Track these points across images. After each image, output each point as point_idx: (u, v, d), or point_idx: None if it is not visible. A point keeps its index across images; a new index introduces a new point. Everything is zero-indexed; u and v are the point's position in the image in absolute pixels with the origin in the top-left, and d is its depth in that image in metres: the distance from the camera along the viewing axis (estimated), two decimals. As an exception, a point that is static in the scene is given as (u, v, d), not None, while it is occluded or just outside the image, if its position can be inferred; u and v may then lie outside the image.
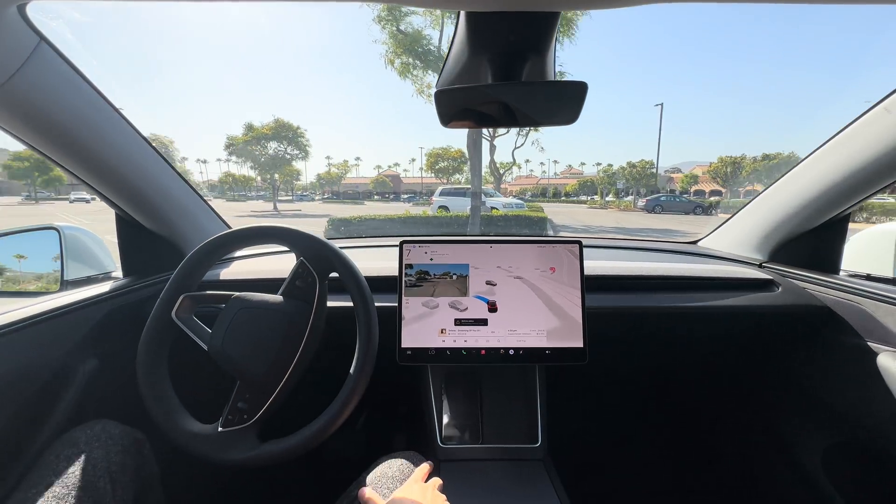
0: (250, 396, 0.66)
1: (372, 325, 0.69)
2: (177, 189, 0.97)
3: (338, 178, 62.21)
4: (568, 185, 55.22)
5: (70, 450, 0.59)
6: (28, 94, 0.62)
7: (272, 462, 0.63)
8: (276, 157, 26.10)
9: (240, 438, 0.64)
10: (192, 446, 0.64)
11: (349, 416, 0.65)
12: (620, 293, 0.98)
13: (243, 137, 25.60)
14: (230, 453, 0.63)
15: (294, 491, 1.18)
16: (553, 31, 0.53)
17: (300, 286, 0.72)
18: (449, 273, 0.84)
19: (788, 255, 1.07)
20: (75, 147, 0.74)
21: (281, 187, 33.93)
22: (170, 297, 0.71)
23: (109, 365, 0.83)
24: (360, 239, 1.39)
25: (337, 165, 65.08)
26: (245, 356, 0.66)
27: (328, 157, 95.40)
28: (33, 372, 0.72)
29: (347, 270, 0.71)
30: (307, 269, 0.72)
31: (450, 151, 37.42)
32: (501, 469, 0.81)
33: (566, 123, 0.65)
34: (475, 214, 9.76)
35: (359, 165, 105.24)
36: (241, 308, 0.70)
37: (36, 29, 0.59)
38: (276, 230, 0.74)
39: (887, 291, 0.83)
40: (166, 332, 0.71)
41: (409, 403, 1.27)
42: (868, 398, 0.85)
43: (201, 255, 0.73)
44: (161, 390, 0.68)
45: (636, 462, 1.30)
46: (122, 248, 0.99)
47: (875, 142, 0.79)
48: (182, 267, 0.73)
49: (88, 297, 0.82)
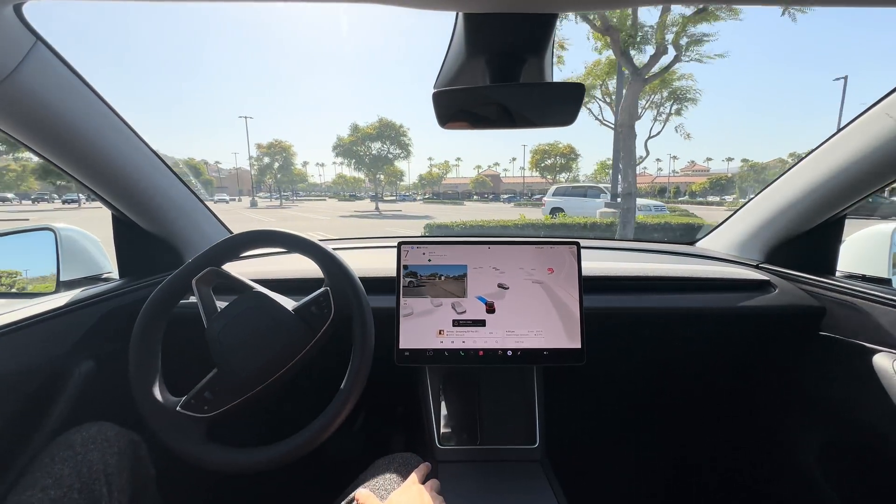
0: (220, 390, 0.65)
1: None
2: (173, 190, 0.97)
3: (438, 179, 62.34)
4: (694, 184, 48.37)
5: (66, 452, 0.58)
6: (24, 95, 0.61)
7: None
8: (379, 156, 26.23)
9: (189, 427, 0.63)
10: (150, 415, 0.64)
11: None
12: (618, 294, 0.98)
13: (349, 138, 25.79)
14: (173, 440, 0.62)
15: (291, 492, 1.18)
16: (551, 32, 0.53)
17: (315, 312, 0.70)
18: (447, 274, 0.84)
19: (785, 256, 1.07)
20: (71, 147, 0.74)
21: (385, 187, 33.58)
22: (197, 266, 0.71)
23: (105, 366, 0.83)
24: (358, 240, 1.39)
25: (438, 165, 65.49)
26: (235, 352, 0.66)
27: (430, 158, 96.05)
28: (29, 374, 0.71)
29: (358, 301, 0.70)
30: (328, 301, 0.70)
31: (558, 147, 36.13)
32: (499, 470, 0.81)
33: (563, 125, 0.65)
34: (627, 219, 7.45)
35: (459, 166, 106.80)
36: (250, 306, 0.69)
37: (32, 29, 0.59)
38: (317, 250, 0.73)
39: (882, 292, 0.83)
40: (177, 297, 0.71)
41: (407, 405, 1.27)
42: (863, 398, 0.85)
43: (243, 240, 0.74)
44: (150, 350, 0.68)
45: (634, 463, 1.30)
46: (118, 248, 0.99)
47: (871, 144, 0.79)
48: (220, 243, 0.73)
49: (84, 299, 0.82)
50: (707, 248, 1.29)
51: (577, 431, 1.23)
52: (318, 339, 0.69)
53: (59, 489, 0.54)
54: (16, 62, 0.58)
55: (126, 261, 1.00)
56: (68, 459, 0.58)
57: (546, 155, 35.90)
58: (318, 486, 0.84)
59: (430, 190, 63.72)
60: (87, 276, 0.99)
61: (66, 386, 0.75)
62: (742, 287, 1.01)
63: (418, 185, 66.85)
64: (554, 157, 35.69)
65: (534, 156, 36.91)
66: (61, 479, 0.55)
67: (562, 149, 35.64)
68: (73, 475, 0.56)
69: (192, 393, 0.65)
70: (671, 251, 1.26)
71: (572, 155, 35.69)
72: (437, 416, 0.88)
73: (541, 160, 36.22)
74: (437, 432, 0.86)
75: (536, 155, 36.60)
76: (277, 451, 0.62)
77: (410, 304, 0.83)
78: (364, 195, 55.62)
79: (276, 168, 40.68)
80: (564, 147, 35.77)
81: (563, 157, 35.53)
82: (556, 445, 0.88)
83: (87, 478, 0.57)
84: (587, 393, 1.24)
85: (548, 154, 35.87)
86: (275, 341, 0.67)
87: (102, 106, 0.75)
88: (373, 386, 0.69)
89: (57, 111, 0.67)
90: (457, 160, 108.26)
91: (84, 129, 0.73)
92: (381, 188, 30.63)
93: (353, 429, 1.34)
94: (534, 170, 38.28)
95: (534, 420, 0.87)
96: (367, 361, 0.67)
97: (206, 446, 0.62)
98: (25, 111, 0.64)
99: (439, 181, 63.16)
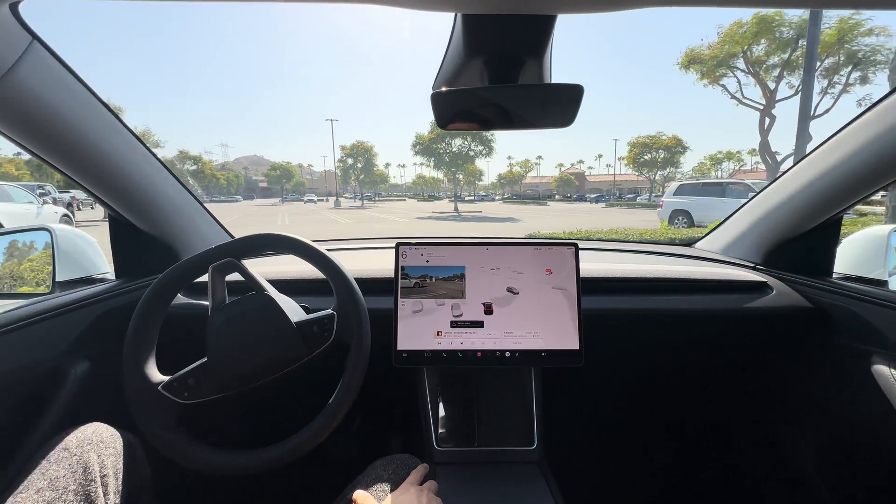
0: (204, 380, 0.65)
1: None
2: (171, 190, 0.97)
3: (520, 177, 60.00)
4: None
5: (61, 453, 0.58)
6: (20, 94, 0.61)
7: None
8: (459, 154, 25.51)
9: (162, 408, 0.64)
10: (130, 386, 0.64)
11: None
12: (616, 295, 0.98)
13: (429, 135, 25.31)
14: (145, 416, 0.63)
15: (289, 493, 1.17)
16: (549, 34, 0.53)
17: (315, 332, 0.69)
18: (445, 275, 0.84)
19: (782, 258, 1.08)
20: (67, 147, 0.73)
21: (464, 187, 32.36)
22: (218, 253, 0.71)
23: (101, 367, 0.82)
24: (357, 240, 1.39)
25: (519, 164, 62.81)
26: (229, 348, 0.66)
27: (509, 156, 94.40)
28: (24, 374, 0.71)
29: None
30: (332, 325, 0.69)
31: (660, 139, 30.75)
32: (497, 472, 0.81)
33: (562, 126, 0.66)
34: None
35: (539, 164, 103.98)
36: (257, 307, 0.69)
37: (29, 28, 0.59)
38: (336, 272, 0.72)
39: (879, 294, 0.84)
40: (192, 277, 0.72)
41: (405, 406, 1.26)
42: (861, 400, 0.85)
43: (267, 240, 0.74)
44: (152, 323, 0.69)
45: (632, 465, 1.30)
46: (114, 248, 0.98)
47: (868, 146, 0.80)
48: (246, 238, 0.74)
49: (80, 299, 0.81)
50: (705, 250, 1.30)
51: (576, 433, 1.23)
52: (311, 358, 0.69)
53: (53, 491, 0.54)
54: (11, 61, 0.57)
55: (122, 261, 0.99)
56: (63, 460, 0.57)
57: (647, 148, 31.13)
58: (316, 487, 0.84)
59: (510, 189, 61.85)
60: (84, 277, 0.99)
61: (61, 386, 0.74)
62: (740, 288, 1.01)
63: (497, 184, 64.49)
64: (656, 151, 30.94)
65: (631, 150, 31.99)
66: (56, 481, 0.55)
67: (665, 141, 30.67)
68: (68, 476, 0.56)
69: (177, 376, 0.65)
70: (669, 252, 1.26)
71: (679, 148, 30.45)
72: (435, 418, 0.88)
73: (640, 154, 31.33)
74: (435, 434, 0.86)
75: (635, 148, 31.58)
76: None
77: (408, 306, 0.83)
78: (443, 195, 55.19)
79: (359, 169, 40.31)
80: (669, 139, 30.65)
81: (667, 151, 30.59)
82: (554, 447, 0.88)
83: (82, 479, 0.56)
84: (585, 394, 1.24)
85: (648, 147, 31.11)
86: (270, 349, 0.67)
87: (99, 105, 0.75)
88: (370, 387, 0.69)
89: (53, 110, 0.67)
90: (538, 158, 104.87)
91: (80, 128, 0.72)
92: (460, 188, 29.34)
93: (351, 430, 1.34)
94: (630, 165, 33.03)
95: (532, 421, 0.87)
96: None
97: (179, 436, 0.63)
98: (21, 110, 0.63)
99: (520, 180, 60.33)
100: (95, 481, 0.57)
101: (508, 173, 59.08)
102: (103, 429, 0.64)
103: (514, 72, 0.58)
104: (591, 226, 8.38)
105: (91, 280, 0.98)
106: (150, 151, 0.89)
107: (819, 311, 0.94)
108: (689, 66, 12.46)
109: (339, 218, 19.78)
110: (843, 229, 1.01)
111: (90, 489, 0.56)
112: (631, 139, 32.89)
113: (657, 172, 32.22)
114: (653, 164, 31.71)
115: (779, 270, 1.06)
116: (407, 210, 26.89)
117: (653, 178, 33.37)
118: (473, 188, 55.78)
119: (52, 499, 0.53)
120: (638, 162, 31.85)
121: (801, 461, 1.01)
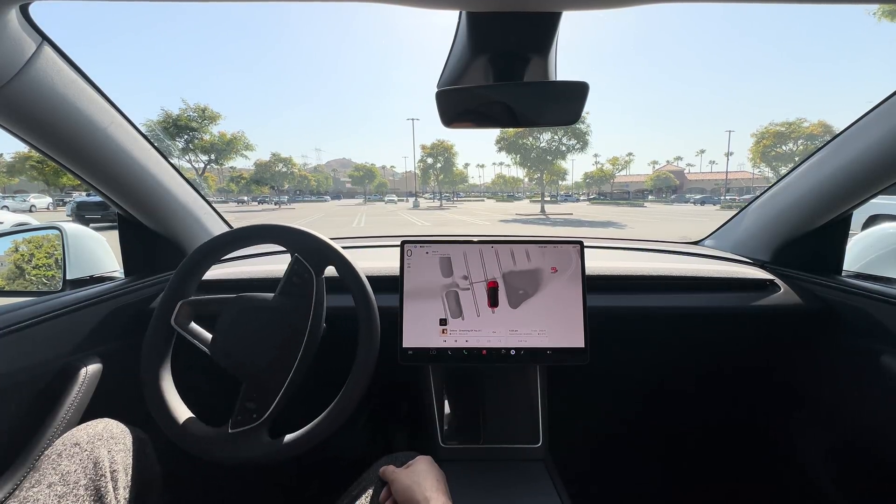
0: (258, 396, 0.66)
1: (373, 319, 0.69)
2: (178, 189, 0.98)
3: (610, 175, 53.55)
4: None
5: (72, 449, 0.59)
6: (30, 95, 0.62)
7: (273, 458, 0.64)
8: (548, 149, 22.65)
9: (251, 437, 0.65)
10: (203, 449, 0.65)
11: (350, 416, 0.65)
12: (622, 293, 0.97)
13: (515, 130, 22.31)
14: (241, 452, 0.64)
15: (295, 491, 1.18)
16: (554, 31, 0.53)
17: (297, 283, 0.71)
18: (451, 273, 0.84)
19: (790, 256, 1.06)
20: (77, 147, 0.74)
21: (546, 187, 30.28)
22: (167, 305, 0.71)
23: (111, 364, 0.83)
24: (360, 238, 1.39)
25: (610, 161, 56.53)
26: (247, 356, 0.67)
27: (595, 154, 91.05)
28: (36, 371, 0.72)
29: (344, 265, 0.71)
30: (302, 265, 0.72)
31: (800, 127, 23.56)
32: (502, 469, 0.81)
33: (567, 124, 0.65)
34: None
35: (630, 161, 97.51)
36: (240, 310, 0.70)
37: (39, 29, 0.60)
38: (268, 229, 0.74)
39: (889, 292, 0.83)
40: (166, 339, 0.71)
41: (410, 403, 1.27)
42: (870, 399, 0.84)
43: (196, 260, 0.74)
44: (167, 397, 0.68)
45: (637, 462, 1.30)
46: (123, 247, 1.00)
47: (877, 143, 0.79)
48: (177, 273, 0.73)
49: (90, 296, 0.83)
50: (712, 248, 1.29)
51: (581, 430, 1.23)
52: (315, 304, 0.70)
53: (65, 486, 0.55)
54: (21, 63, 0.58)
55: (131, 259, 1.00)
56: (74, 456, 0.58)
57: (781, 139, 24.08)
58: (322, 484, 0.85)
59: (597, 189, 57.41)
60: (94, 275, 1.00)
61: (72, 383, 0.76)
62: (747, 287, 1.00)
63: (582, 183, 59.48)
64: (794, 141, 23.79)
65: (758, 142, 24.66)
66: (67, 476, 0.56)
67: (808, 129, 23.43)
68: (79, 472, 0.57)
69: (235, 411, 0.66)
70: (676, 250, 1.26)
71: (827, 136, 20.96)
72: (440, 415, 0.88)
73: (770, 147, 24.32)
74: (440, 431, 0.86)
75: (765, 140, 24.37)
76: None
77: (414, 303, 0.83)
78: (522, 195, 53.39)
79: (439, 168, 39.60)
80: (813, 126, 23.29)
81: (809, 140, 23.44)
82: (559, 444, 0.88)
83: (93, 474, 0.57)
84: (591, 392, 1.24)
85: (784, 138, 24.00)
86: (278, 328, 0.68)
87: (108, 106, 0.76)
88: (376, 385, 0.69)
89: (63, 112, 0.67)
90: (628, 155, 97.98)
91: (90, 129, 0.73)
92: (543, 188, 25.93)
93: (357, 427, 1.35)
94: (755, 160, 25.58)
95: (537, 419, 0.87)
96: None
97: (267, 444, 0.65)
98: (31, 112, 0.64)
99: (610, 178, 53.42)
100: (105, 476, 0.58)
101: (598, 171, 52.32)
102: (114, 425, 0.65)
103: (520, 69, 0.58)
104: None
105: (101, 278, 1.00)
106: (158, 152, 0.90)
107: (827, 309, 0.93)
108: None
109: (416, 219, 18.69)
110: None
111: (100, 484, 0.57)
112: (757, 129, 25.28)
113: (779, 168, 25.03)
114: (789, 158, 24.51)
115: (786, 268, 1.05)
116: (486, 211, 24.65)
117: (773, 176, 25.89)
118: (556, 187, 53.19)
119: (63, 493, 0.54)
120: (769, 155, 24.96)
121: (811, 461, 1.00)
